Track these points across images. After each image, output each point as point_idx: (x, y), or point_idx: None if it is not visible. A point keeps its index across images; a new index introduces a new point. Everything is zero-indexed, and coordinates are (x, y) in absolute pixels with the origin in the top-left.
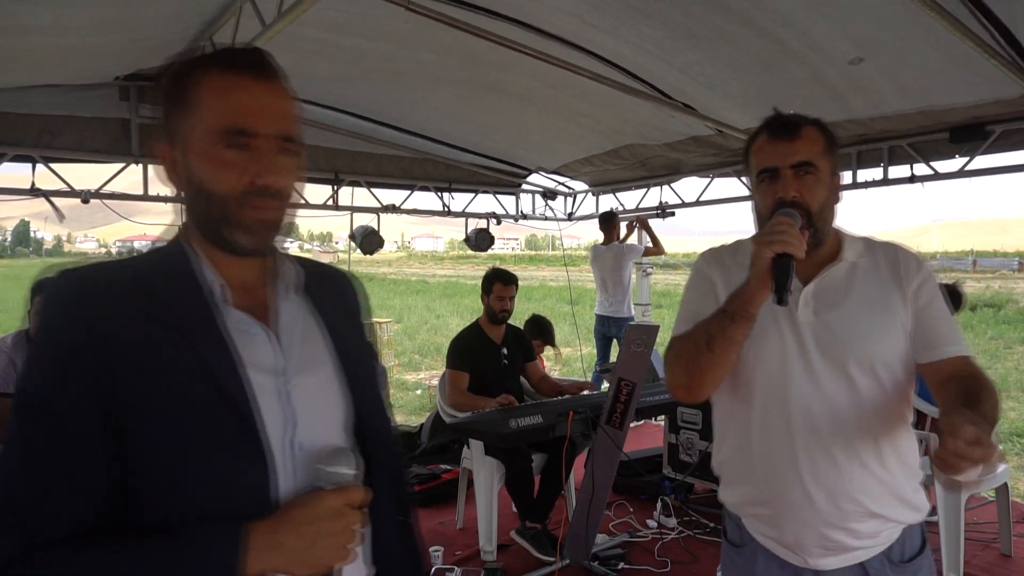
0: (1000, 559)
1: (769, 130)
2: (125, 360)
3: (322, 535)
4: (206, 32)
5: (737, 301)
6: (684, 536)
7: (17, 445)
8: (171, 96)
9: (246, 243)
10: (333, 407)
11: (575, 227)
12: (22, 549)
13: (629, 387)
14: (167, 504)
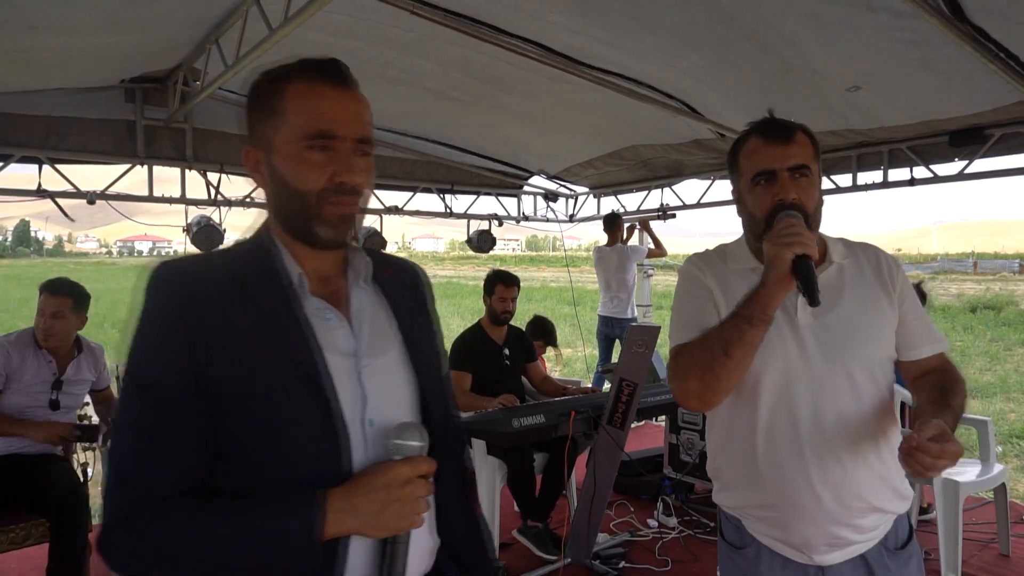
0: (999, 559)
1: (763, 133)
2: (217, 343)
3: (392, 500)
4: (212, 35)
5: (755, 304)
6: (684, 535)
7: (127, 416)
8: (256, 104)
9: (327, 236)
10: (400, 387)
11: (576, 228)
12: (131, 506)
13: (631, 387)
14: (252, 472)
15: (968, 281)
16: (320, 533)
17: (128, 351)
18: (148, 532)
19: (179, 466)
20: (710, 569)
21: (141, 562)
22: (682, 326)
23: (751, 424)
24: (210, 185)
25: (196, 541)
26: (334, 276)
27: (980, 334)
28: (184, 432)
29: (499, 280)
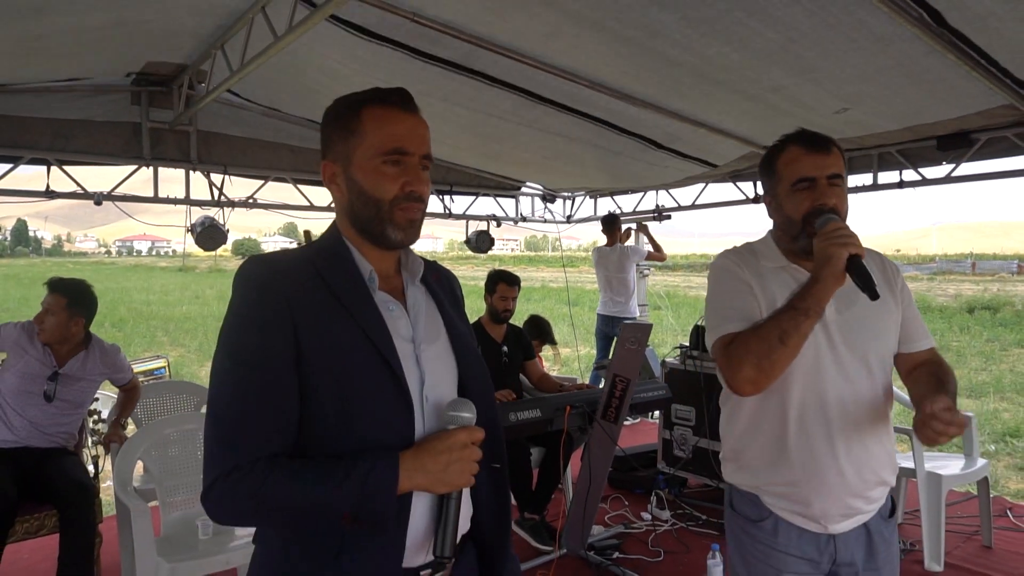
0: (981, 551)
1: (804, 143)
2: (305, 325)
3: (453, 461)
4: (219, 40)
5: (811, 298)
6: (677, 528)
7: (231, 386)
8: (335, 124)
9: (397, 238)
10: (448, 369)
11: (574, 228)
12: (235, 464)
13: (624, 383)
14: (338, 440)
15: (966, 282)
16: (396, 487)
17: (225, 332)
18: (254, 487)
19: (277, 431)
20: (701, 560)
21: (244, 513)
22: (729, 317)
23: (783, 409)
24: (213, 186)
25: (294, 495)
26: (393, 274)
27: (976, 334)
28: (281, 402)
29: (501, 279)
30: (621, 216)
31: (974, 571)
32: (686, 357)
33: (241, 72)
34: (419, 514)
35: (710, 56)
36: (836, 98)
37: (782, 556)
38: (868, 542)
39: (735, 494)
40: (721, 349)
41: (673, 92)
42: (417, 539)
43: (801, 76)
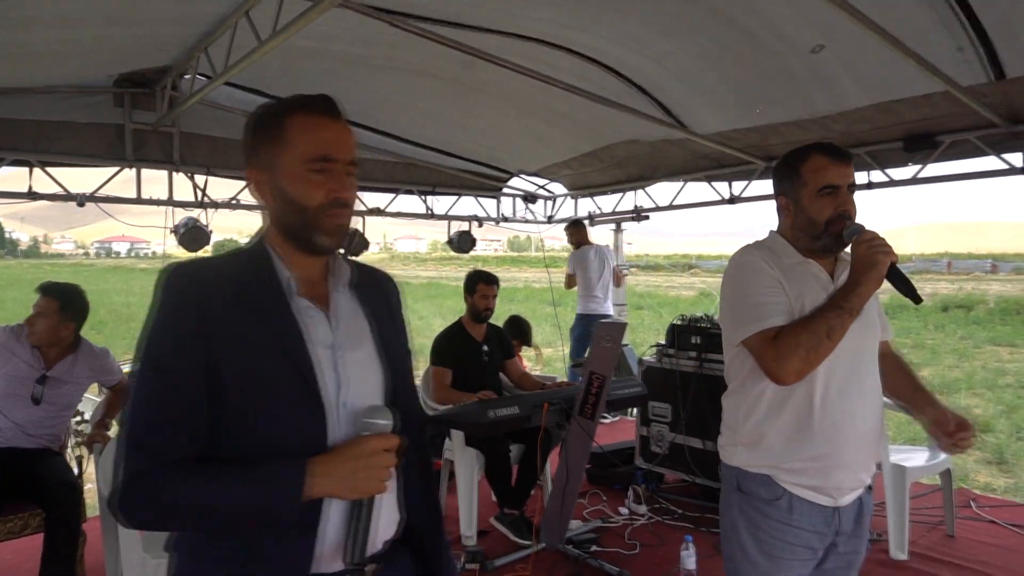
0: (945, 539)
1: (829, 154)
2: (220, 333)
3: (363, 468)
4: (202, 43)
5: (855, 298)
6: (653, 522)
7: (144, 391)
8: (260, 132)
9: (324, 243)
10: (372, 376)
11: (556, 229)
12: (145, 466)
13: (600, 380)
14: (249, 443)
15: (942, 281)
16: (303, 493)
17: (145, 338)
18: (161, 488)
19: (188, 435)
20: (675, 552)
21: (153, 515)
22: (771, 312)
23: (809, 392)
24: (197, 187)
25: (201, 496)
26: (318, 280)
27: (951, 332)
28: (192, 407)
29: (480, 279)
30: (600, 216)
31: (937, 559)
32: (663, 355)
33: (225, 75)
34: (331, 521)
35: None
36: (812, 28)
37: (797, 531)
38: (859, 511)
39: (745, 476)
40: (767, 342)
41: (656, 24)
42: (331, 546)
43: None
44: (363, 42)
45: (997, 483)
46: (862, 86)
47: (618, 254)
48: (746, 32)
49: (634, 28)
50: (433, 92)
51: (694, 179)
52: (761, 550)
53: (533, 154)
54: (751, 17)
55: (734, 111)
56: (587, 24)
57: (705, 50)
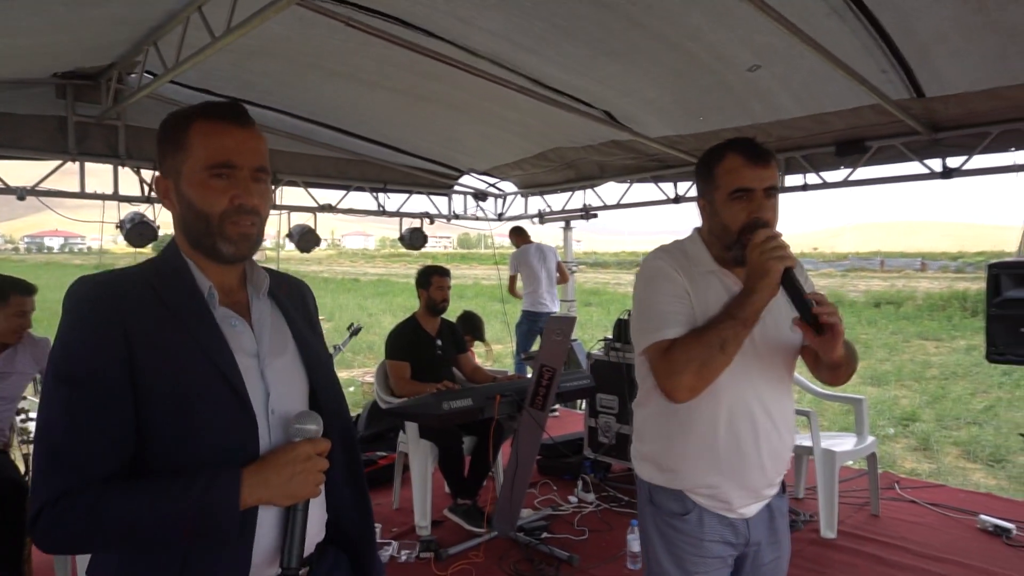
0: (870, 519)
1: (744, 154)
2: (141, 343)
3: (297, 473)
4: (150, 37)
5: (749, 308)
6: (601, 509)
7: (60, 406)
8: (166, 139)
9: (229, 252)
10: (296, 382)
11: (506, 227)
12: (65, 489)
13: (550, 372)
14: (178, 455)
15: (875, 278)
16: (239, 501)
17: (55, 355)
18: (84, 508)
19: (110, 449)
20: (622, 536)
21: (76, 537)
22: (668, 322)
23: (714, 413)
24: (143, 182)
25: (129, 513)
26: (236, 289)
27: (882, 327)
28: (113, 419)
29: (433, 272)
30: (550, 214)
31: (863, 537)
32: (610, 349)
33: (176, 70)
34: (266, 527)
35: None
36: (749, 50)
37: (708, 545)
38: (770, 517)
39: (655, 490)
40: (660, 354)
41: (603, 46)
42: (266, 553)
43: (718, 20)
44: (316, 49)
45: (922, 468)
46: (796, 99)
47: (567, 252)
48: (688, 54)
49: (581, 51)
50: (386, 99)
51: (641, 179)
52: (676, 564)
53: (484, 154)
54: (693, 42)
55: (678, 119)
56: (535, 44)
57: (648, 70)
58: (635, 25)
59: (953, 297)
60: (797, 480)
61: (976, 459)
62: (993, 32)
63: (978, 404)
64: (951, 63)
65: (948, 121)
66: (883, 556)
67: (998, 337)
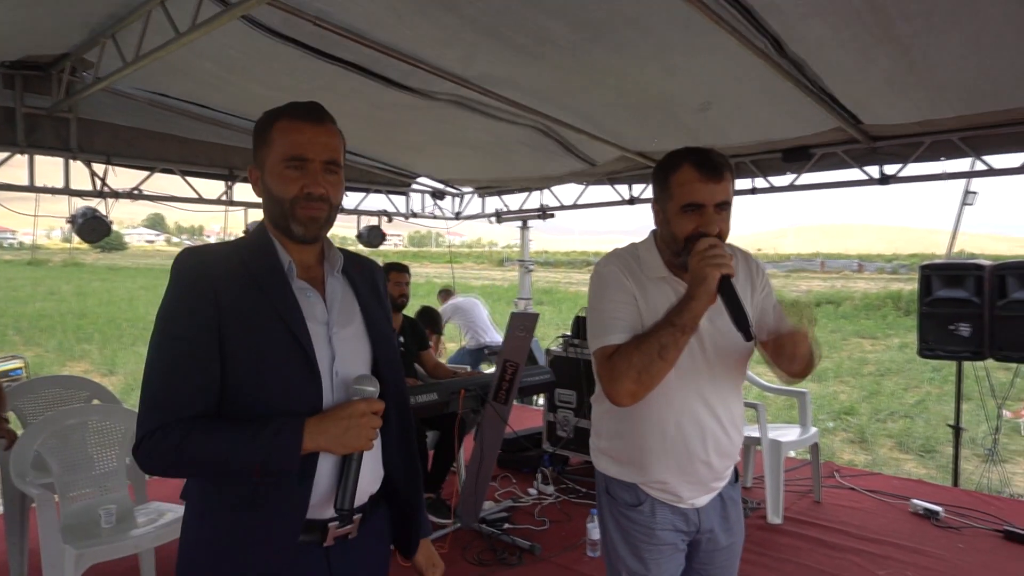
0: (813, 505)
1: (698, 168)
2: (229, 309)
3: (352, 427)
4: (109, 29)
5: (687, 315)
6: (561, 500)
7: (160, 356)
8: (257, 135)
9: (300, 232)
10: (361, 350)
11: (462, 225)
12: (161, 423)
13: (513, 367)
14: (254, 406)
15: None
16: (300, 446)
17: (159, 314)
18: (177, 441)
19: (199, 395)
20: (582, 526)
21: (169, 464)
22: (613, 328)
23: (662, 414)
24: (95, 176)
25: (213, 449)
26: (314, 265)
27: (822, 326)
28: (203, 371)
29: (391, 269)
30: (507, 214)
31: (806, 522)
32: (568, 345)
33: (136, 64)
34: (324, 473)
35: (595, 59)
36: (700, 92)
37: (660, 533)
38: (722, 506)
39: (611, 482)
40: (604, 360)
41: (561, 81)
42: (323, 494)
43: (667, 74)
44: (274, 84)
45: (858, 459)
46: (745, 131)
47: (524, 251)
48: (641, 99)
49: (541, 85)
50: (346, 123)
51: (597, 181)
52: (631, 551)
53: (442, 169)
54: (644, 93)
55: (632, 143)
56: (493, 83)
57: (604, 104)
58: (588, 69)
59: (888, 297)
60: (745, 470)
61: (908, 450)
62: (924, 88)
63: (910, 398)
64: (887, 110)
65: (885, 132)
66: (825, 539)
67: (929, 334)
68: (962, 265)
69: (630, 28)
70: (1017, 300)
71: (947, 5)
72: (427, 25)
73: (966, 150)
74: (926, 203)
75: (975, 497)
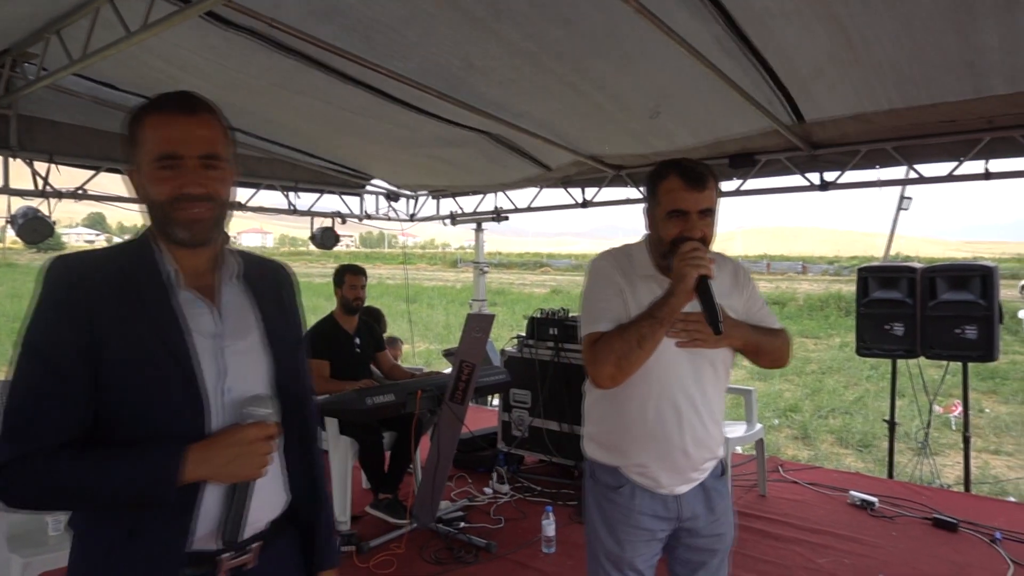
0: (758, 498)
1: (684, 178)
2: (103, 324)
3: (241, 454)
4: (54, 25)
5: (665, 309)
6: (516, 499)
7: (22, 378)
8: (127, 135)
9: (184, 236)
10: (257, 365)
11: (417, 227)
12: (23, 452)
13: (469, 367)
14: (130, 429)
15: (762, 280)
16: (179, 478)
17: (26, 326)
18: (38, 471)
19: (65, 419)
20: (537, 523)
21: (32, 496)
22: (600, 317)
23: (643, 402)
24: (37, 175)
25: (81, 479)
26: (206, 272)
27: None
28: (71, 392)
29: (347, 271)
30: (461, 216)
31: (752, 514)
32: (523, 346)
33: (84, 62)
34: (211, 502)
35: (549, 41)
36: (649, 97)
37: (638, 516)
38: (706, 497)
39: (596, 467)
40: (589, 346)
41: (514, 87)
42: (211, 525)
43: (620, 69)
44: (227, 82)
45: (801, 454)
46: (694, 134)
47: (478, 253)
48: (594, 103)
49: (494, 91)
50: (301, 117)
51: (551, 184)
52: (610, 533)
53: (396, 175)
54: (599, 92)
55: (584, 148)
56: (446, 86)
57: (557, 110)
58: (545, 71)
59: (830, 298)
60: None
61: (848, 445)
62: (861, 67)
63: (850, 396)
64: (826, 93)
65: (824, 140)
66: (770, 531)
67: (866, 334)
68: (896, 268)
69: (576, 22)
70: (946, 301)
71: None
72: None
73: (899, 159)
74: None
75: (908, 488)
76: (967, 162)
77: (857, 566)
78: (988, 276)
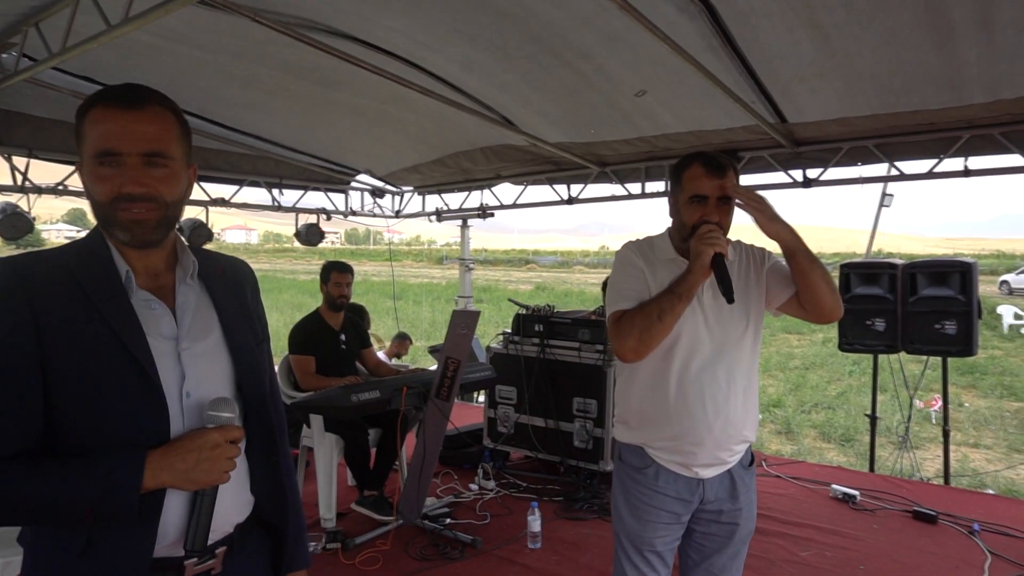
0: None
1: (706, 166)
2: (51, 328)
3: (203, 460)
4: (32, 18)
5: (684, 285)
6: (501, 495)
7: None
8: (75, 130)
9: (125, 237)
10: (219, 367)
11: (403, 224)
12: None
13: (455, 364)
14: (86, 437)
15: None
16: (139, 485)
17: None
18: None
19: (15, 430)
20: (522, 519)
21: None
22: (623, 297)
23: (666, 378)
24: (16, 170)
25: (30, 492)
26: (162, 272)
27: None
28: (17, 402)
29: (333, 268)
30: (447, 212)
31: None
32: (509, 342)
33: (64, 55)
34: (174, 508)
35: (536, 10)
36: (636, 76)
37: (662, 497)
38: (731, 486)
39: (623, 448)
40: (614, 323)
41: (503, 56)
42: (174, 531)
43: (608, 45)
44: (213, 48)
45: (785, 449)
46: (679, 119)
47: (464, 250)
48: (580, 73)
49: (480, 55)
50: (284, 104)
51: (536, 181)
52: (631, 512)
53: (382, 159)
54: (585, 62)
55: (570, 129)
56: (438, 44)
57: (544, 83)
58: (532, 39)
59: None
60: None
61: (830, 439)
62: (843, 75)
63: (833, 391)
64: (809, 98)
65: (807, 138)
66: None
67: (848, 329)
68: (877, 264)
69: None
70: (926, 297)
71: (863, 3)
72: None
73: (880, 156)
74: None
75: (888, 481)
76: (947, 159)
77: (839, 558)
78: (967, 272)
